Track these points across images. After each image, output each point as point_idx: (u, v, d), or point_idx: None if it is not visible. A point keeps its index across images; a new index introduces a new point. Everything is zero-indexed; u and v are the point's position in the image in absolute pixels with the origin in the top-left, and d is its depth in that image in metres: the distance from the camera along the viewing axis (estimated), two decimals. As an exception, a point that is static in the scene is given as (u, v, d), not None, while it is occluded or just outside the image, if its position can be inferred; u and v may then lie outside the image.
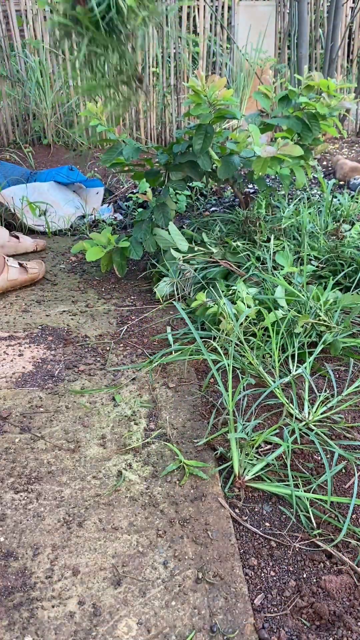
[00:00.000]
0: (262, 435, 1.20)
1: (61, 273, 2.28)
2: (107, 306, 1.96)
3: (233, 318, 1.53)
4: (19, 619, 0.89)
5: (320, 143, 2.26)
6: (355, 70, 4.92)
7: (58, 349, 1.67)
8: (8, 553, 1.00)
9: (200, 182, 2.86)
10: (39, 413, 1.38)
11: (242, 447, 1.19)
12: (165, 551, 1.00)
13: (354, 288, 1.85)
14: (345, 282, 1.89)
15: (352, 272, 1.90)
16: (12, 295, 2.06)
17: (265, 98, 2.19)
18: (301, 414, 1.33)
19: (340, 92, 2.08)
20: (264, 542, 1.04)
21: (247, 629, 0.88)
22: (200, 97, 1.95)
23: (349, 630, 0.88)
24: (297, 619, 0.91)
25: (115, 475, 1.18)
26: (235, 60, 4.56)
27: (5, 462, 1.22)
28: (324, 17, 4.53)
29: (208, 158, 2.05)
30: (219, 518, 1.08)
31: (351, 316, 1.59)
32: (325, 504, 1.11)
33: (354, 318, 1.64)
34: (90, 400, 1.43)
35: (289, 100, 2.14)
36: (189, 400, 1.43)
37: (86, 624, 0.88)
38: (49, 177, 3.13)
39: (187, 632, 0.87)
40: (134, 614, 0.90)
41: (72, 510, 1.09)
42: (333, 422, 1.33)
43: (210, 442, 1.27)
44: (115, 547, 1.01)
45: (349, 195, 2.56)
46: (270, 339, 1.58)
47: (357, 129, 4.72)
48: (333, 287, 1.80)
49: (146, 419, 1.36)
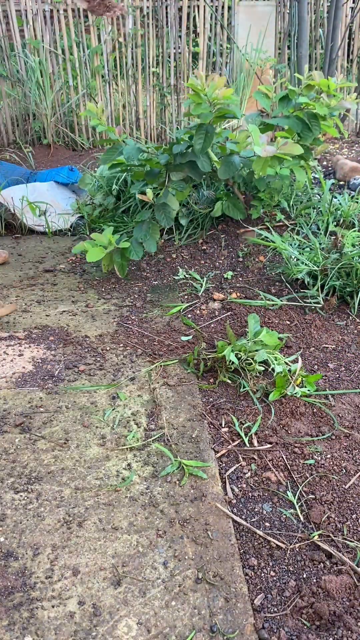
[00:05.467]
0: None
1: (61, 273, 2.28)
2: (107, 306, 1.96)
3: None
4: (19, 619, 0.89)
5: (321, 143, 2.26)
6: (355, 70, 4.92)
7: (58, 349, 1.67)
8: (8, 553, 1.00)
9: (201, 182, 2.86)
10: (39, 413, 1.38)
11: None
12: (165, 551, 1.00)
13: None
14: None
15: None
16: (12, 295, 2.06)
17: (266, 98, 2.19)
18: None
19: (340, 91, 2.08)
20: (264, 542, 1.04)
21: (247, 629, 0.88)
22: (200, 96, 1.95)
23: (349, 630, 0.88)
24: (297, 619, 0.90)
25: (115, 475, 1.18)
26: (235, 60, 4.56)
27: (5, 462, 1.22)
28: (324, 17, 4.53)
29: (208, 159, 2.05)
30: (218, 518, 1.08)
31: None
32: (325, 504, 1.11)
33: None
34: (90, 400, 1.43)
35: (289, 100, 2.14)
36: (188, 400, 1.43)
37: (86, 624, 0.88)
38: (48, 177, 3.13)
39: (187, 632, 0.87)
40: (134, 614, 0.89)
41: (72, 510, 1.09)
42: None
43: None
44: (115, 547, 1.01)
45: (349, 195, 2.56)
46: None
47: (357, 129, 4.72)
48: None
49: (146, 418, 1.36)
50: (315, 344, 1.70)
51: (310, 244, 2.06)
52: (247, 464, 1.23)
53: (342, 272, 1.90)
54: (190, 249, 2.35)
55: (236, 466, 1.22)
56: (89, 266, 2.33)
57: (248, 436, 1.31)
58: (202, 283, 2.06)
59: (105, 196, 2.72)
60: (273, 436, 1.31)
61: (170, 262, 2.29)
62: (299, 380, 1.46)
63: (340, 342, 1.71)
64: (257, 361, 1.49)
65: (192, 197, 2.52)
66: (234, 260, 2.24)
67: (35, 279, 2.22)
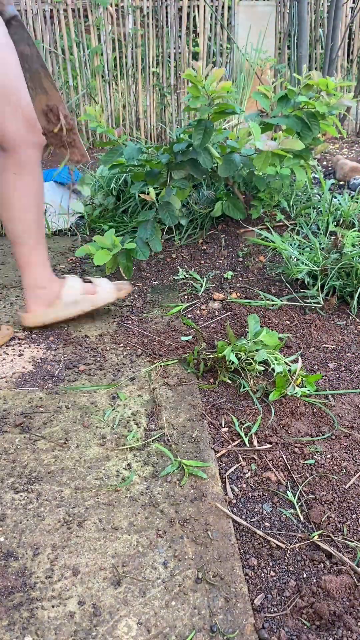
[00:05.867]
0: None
1: (61, 273, 2.28)
2: (107, 306, 1.96)
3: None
4: (19, 619, 0.89)
5: (320, 143, 2.26)
6: (355, 70, 4.92)
7: (58, 349, 1.67)
8: (8, 553, 1.00)
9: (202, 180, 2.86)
10: (39, 413, 1.38)
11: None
12: (165, 551, 1.00)
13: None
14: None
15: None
16: (12, 295, 2.06)
17: (265, 98, 2.19)
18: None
19: (340, 90, 2.08)
20: (264, 542, 1.04)
21: (247, 629, 0.88)
22: (198, 88, 1.94)
23: (349, 630, 0.88)
24: (297, 619, 0.90)
25: (115, 475, 1.18)
26: (235, 60, 4.57)
27: (5, 462, 1.22)
28: (324, 17, 4.53)
29: (209, 155, 2.05)
30: (219, 518, 1.08)
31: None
32: (324, 504, 1.11)
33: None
34: (90, 400, 1.43)
35: (289, 99, 2.14)
36: (188, 400, 1.43)
37: (86, 624, 0.88)
38: (48, 177, 3.13)
39: (187, 632, 0.87)
40: (134, 614, 0.90)
41: (72, 510, 1.09)
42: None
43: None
44: (115, 547, 1.01)
45: (349, 195, 2.56)
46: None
47: (357, 129, 4.72)
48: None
49: (146, 418, 1.36)
50: (315, 344, 1.70)
51: (310, 244, 2.06)
52: (247, 464, 1.23)
53: (342, 272, 1.90)
54: (190, 249, 2.35)
55: (236, 466, 1.22)
56: (90, 266, 2.33)
57: (248, 436, 1.31)
58: (202, 283, 2.07)
59: (105, 196, 2.72)
60: (273, 436, 1.31)
61: (170, 262, 2.29)
62: (299, 380, 1.46)
63: (340, 342, 1.71)
64: (257, 361, 1.49)
65: (192, 197, 2.52)
66: (234, 260, 2.24)
67: (35, 279, 2.22)
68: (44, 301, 1.71)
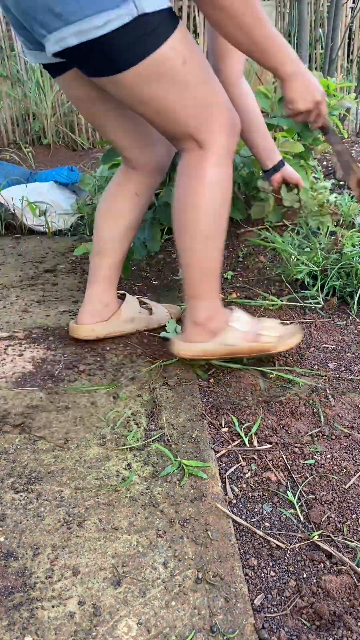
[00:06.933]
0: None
1: (61, 273, 2.28)
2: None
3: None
4: (19, 619, 0.89)
5: (321, 143, 2.26)
6: (355, 70, 4.92)
7: (58, 349, 1.67)
8: (8, 553, 1.00)
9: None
10: (39, 413, 1.38)
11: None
12: (165, 551, 1.00)
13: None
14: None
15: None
16: (12, 295, 2.06)
17: (265, 98, 2.19)
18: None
19: (340, 91, 2.08)
20: (264, 542, 1.04)
21: (247, 629, 0.88)
22: None
23: (349, 630, 0.88)
24: (297, 619, 0.90)
25: (115, 475, 1.18)
26: (235, 60, 4.55)
27: (5, 462, 1.22)
28: (324, 17, 4.53)
29: None
30: (219, 518, 1.08)
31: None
32: (324, 504, 1.11)
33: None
34: (90, 400, 1.43)
35: (289, 100, 2.13)
36: (188, 400, 1.43)
37: (86, 624, 0.88)
38: (49, 177, 3.13)
39: (187, 632, 0.87)
40: (134, 614, 0.90)
41: (72, 510, 1.09)
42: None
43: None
44: (115, 547, 1.01)
45: (349, 195, 2.56)
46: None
47: (357, 129, 4.72)
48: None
49: (146, 418, 1.36)
50: (315, 344, 1.70)
51: (310, 244, 2.06)
52: (247, 464, 1.23)
53: (342, 272, 1.90)
54: (190, 249, 2.35)
55: (236, 466, 1.22)
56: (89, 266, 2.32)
57: (248, 436, 1.31)
58: (202, 283, 2.06)
59: (105, 196, 2.71)
60: (273, 436, 1.31)
61: (171, 262, 2.29)
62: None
63: (340, 342, 1.71)
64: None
65: (192, 197, 2.52)
66: (234, 260, 2.24)
67: (36, 279, 2.22)
68: (99, 316, 1.69)
